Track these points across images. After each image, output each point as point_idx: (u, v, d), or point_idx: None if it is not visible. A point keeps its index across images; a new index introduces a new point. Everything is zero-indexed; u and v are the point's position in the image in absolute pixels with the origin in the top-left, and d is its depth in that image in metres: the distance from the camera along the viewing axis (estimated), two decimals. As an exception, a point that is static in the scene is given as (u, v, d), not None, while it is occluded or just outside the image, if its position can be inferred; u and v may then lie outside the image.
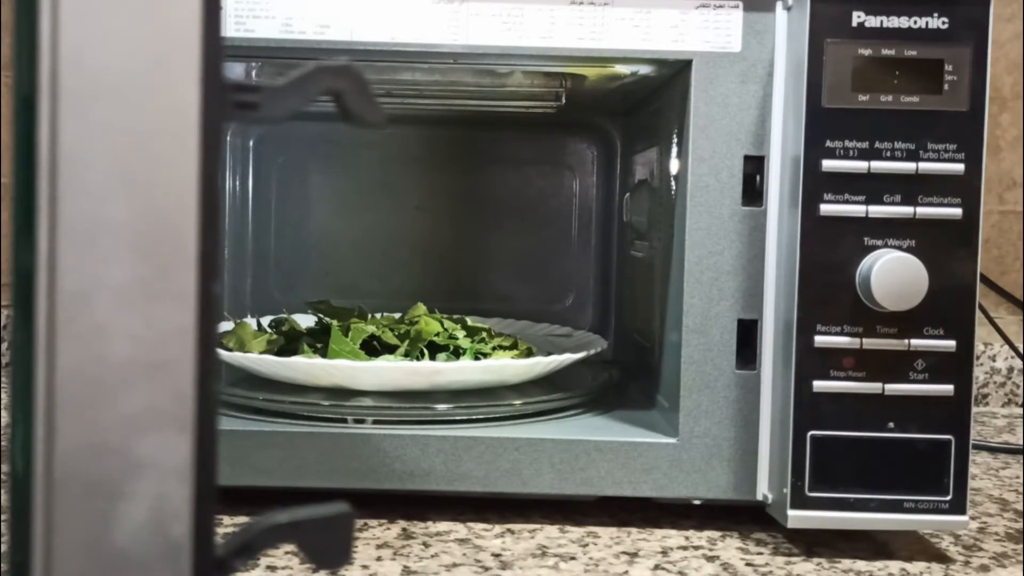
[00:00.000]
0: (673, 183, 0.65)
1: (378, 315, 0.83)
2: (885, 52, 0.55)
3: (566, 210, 0.96)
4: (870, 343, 0.55)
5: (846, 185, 0.55)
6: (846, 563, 0.56)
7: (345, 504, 0.31)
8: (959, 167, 0.55)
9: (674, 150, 0.65)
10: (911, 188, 0.55)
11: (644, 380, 0.74)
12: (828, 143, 0.55)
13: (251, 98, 0.30)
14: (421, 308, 0.80)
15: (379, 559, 0.55)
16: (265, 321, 0.83)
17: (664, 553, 0.57)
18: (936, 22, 0.55)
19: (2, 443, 0.65)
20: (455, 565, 0.54)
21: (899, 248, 0.55)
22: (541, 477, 0.60)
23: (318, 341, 0.73)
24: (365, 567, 0.54)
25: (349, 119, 0.31)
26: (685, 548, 0.58)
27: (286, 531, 0.30)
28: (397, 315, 0.82)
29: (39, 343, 0.27)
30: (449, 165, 0.97)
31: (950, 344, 0.55)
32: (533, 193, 0.96)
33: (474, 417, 0.64)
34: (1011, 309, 1.05)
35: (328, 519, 0.31)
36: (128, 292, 0.28)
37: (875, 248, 0.55)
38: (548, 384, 0.71)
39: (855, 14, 0.55)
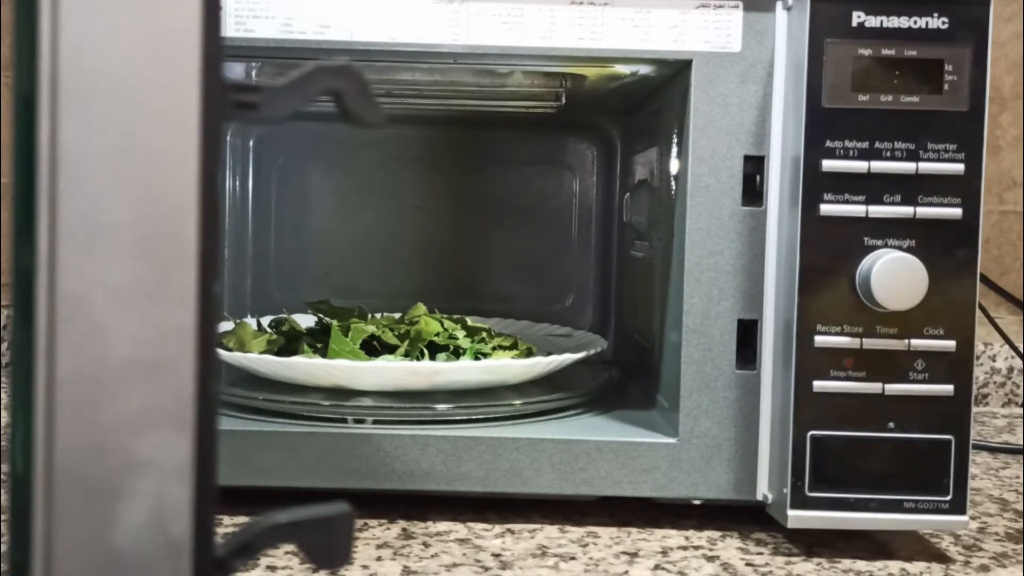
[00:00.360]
0: (673, 183, 0.65)
1: (378, 315, 0.83)
2: (885, 52, 0.55)
3: (566, 210, 0.96)
4: (870, 343, 0.55)
5: (846, 185, 0.55)
6: (846, 563, 0.56)
7: (345, 504, 0.31)
8: (959, 167, 0.55)
9: (674, 150, 0.65)
10: (911, 188, 0.55)
11: (644, 380, 0.74)
12: (828, 143, 0.55)
13: (251, 98, 0.30)
14: (421, 308, 0.80)
15: (379, 559, 0.55)
16: (265, 321, 0.83)
17: (664, 553, 0.57)
18: (936, 22, 0.55)
19: (2, 443, 0.65)
20: (455, 565, 0.54)
21: (899, 248, 0.55)
22: (541, 477, 0.60)
23: (318, 341, 0.73)
24: (365, 567, 0.54)
25: (349, 119, 0.31)
26: (685, 548, 0.58)
27: (286, 531, 0.30)
28: (397, 315, 0.82)
29: (39, 343, 0.27)
30: (449, 165, 0.97)
31: (950, 344, 0.55)
32: (533, 193, 0.96)
33: (474, 417, 0.64)
34: (1011, 309, 1.05)
35: (328, 519, 0.31)
36: (128, 292, 0.28)
37: (875, 248, 0.55)
38: (548, 384, 0.71)
39: (855, 14, 0.55)
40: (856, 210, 0.55)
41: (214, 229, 0.28)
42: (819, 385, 0.55)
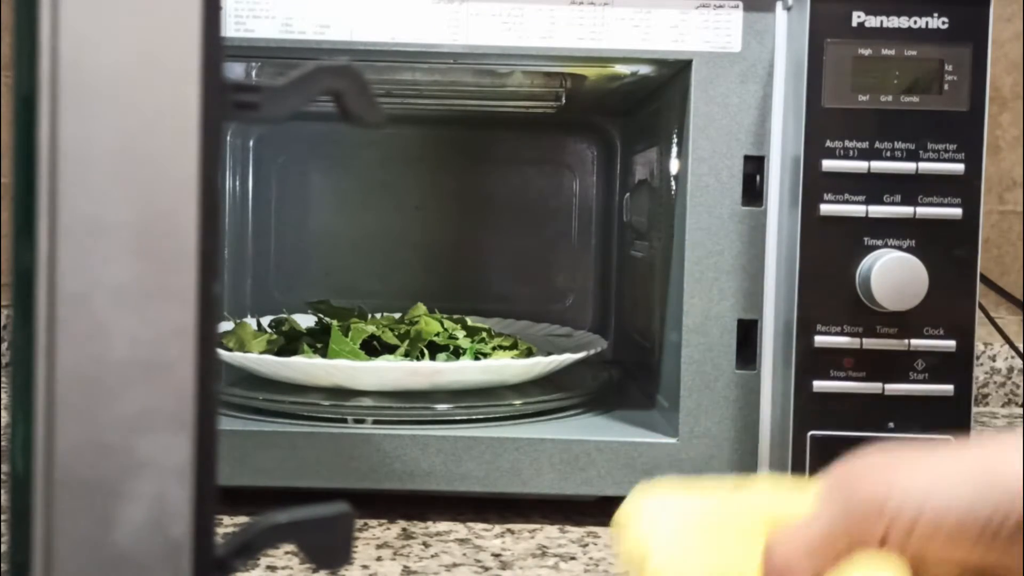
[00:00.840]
0: (673, 183, 0.65)
1: (378, 315, 0.83)
2: (885, 52, 0.55)
3: (566, 210, 0.96)
4: (870, 343, 0.55)
5: (846, 185, 0.55)
6: (846, 563, 0.56)
7: (345, 504, 0.31)
8: (959, 167, 0.55)
9: (674, 150, 0.65)
10: (911, 188, 0.55)
11: (644, 380, 0.74)
12: (828, 143, 0.55)
13: (251, 98, 0.30)
14: (421, 308, 0.80)
15: (379, 559, 0.55)
16: (265, 321, 0.83)
17: (664, 553, 0.57)
18: (936, 22, 0.55)
19: (2, 443, 0.65)
20: (455, 565, 0.54)
21: (899, 248, 0.55)
22: (541, 477, 0.60)
23: (318, 341, 0.73)
24: (365, 567, 0.54)
25: (349, 119, 0.31)
26: (685, 548, 0.58)
27: (286, 531, 0.30)
28: (397, 315, 0.82)
29: (39, 343, 0.27)
30: (449, 165, 0.97)
31: (950, 344, 0.55)
32: (533, 193, 0.96)
33: (474, 417, 0.64)
34: (1011, 309, 1.05)
35: (328, 519, 0.31)
36: (128, 292, 0.28)
37: (875, 248, 0.55)
38: (548, 384, 0.71)
39: (855, 14, 0.55)
40: (856, 210, 0.55)
41: (214, 229, 0.28)
42: (819, 385, 0.55)
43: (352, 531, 0.31)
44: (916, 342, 0.55)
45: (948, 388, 0.55)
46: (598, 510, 0.64)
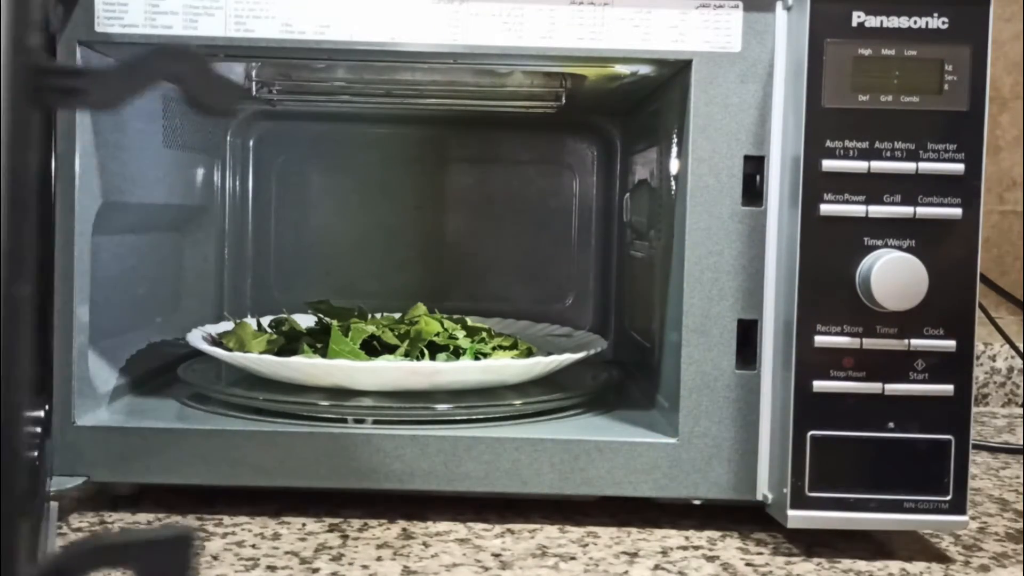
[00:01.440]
0: (673, 183, 0.65)
1: (378, 315, 0.83)
2: (885, 52, 0.55)
3: (566, 210, 0.96)
4: (870, 343, 0.55)
5: (846, 185, 0.55)
6: (846, 563, 0.56)
7: (186, 528, 0.29)
8: (959, 167, 0.55)
9: (674, 150, 0.65)
10: (911, 188, 0.55)
11: (644, 380, 0.74)
12: (828, 143, 0.55)
13: (75, 83, 0.27)
14: (421, 308, 0.80)
15: (379, 559, 0.55)
16: (265, 321, 0.83)
17: (664, 553, 0.57)
18: (936, 22, 0.55)
19: None
20: (455, 565, 0.54)
21: (899, 248, 0.55)
22: (541, 477, 0.60)
23: (318, 341, 0.73)
24: (365, 567, 0.54)
25: (194, 105, 0.29)
26: (685, 548, 0.58)
27: (112, 554, 0.28)
28: (397, 315, 0.82)
29: None
30: (449, 165, 0.97)
31: (950, 344, 0.55)
32: (533, 193, 0.96)
33: (474, 417, 0.64)
34: (1011, 309, 1.05)
35: (163, 542, 0.28)
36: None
37: (875, 248, 0.55)
38: (548, 384, 0.71)
39: (855, 14, 0.55)
40: (856, 210, 0.55)
41: (21, 225, 0.25)
42: (819, 385, 0.55)
43: (191, 556, 0.28)
44: (916, 342, 0.55)
45: (948, 388, 0.55)
46: (598, 510, 0.64)
